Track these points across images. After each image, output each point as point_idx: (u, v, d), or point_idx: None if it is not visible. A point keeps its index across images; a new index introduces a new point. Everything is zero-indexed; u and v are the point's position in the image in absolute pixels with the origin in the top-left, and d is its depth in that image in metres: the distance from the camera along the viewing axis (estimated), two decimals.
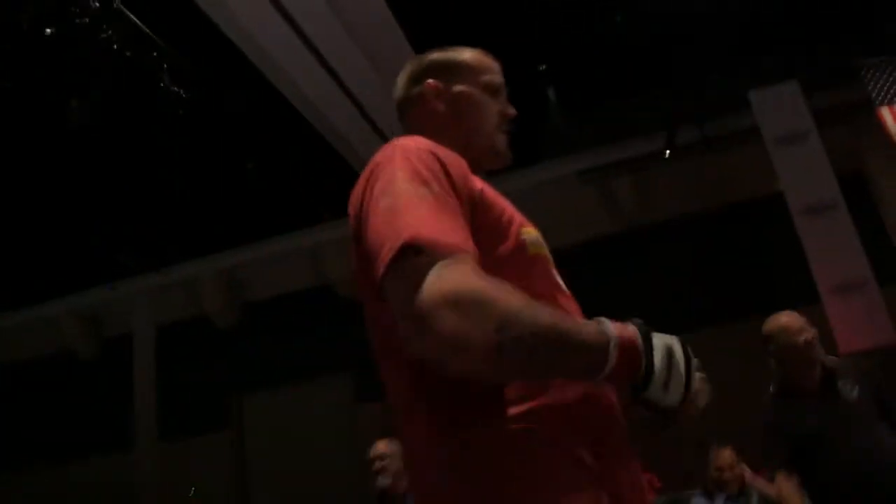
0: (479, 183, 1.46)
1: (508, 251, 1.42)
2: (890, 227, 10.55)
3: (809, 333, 3.68)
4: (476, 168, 1.59)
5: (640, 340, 1.23)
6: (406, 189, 1.27)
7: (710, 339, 11.48)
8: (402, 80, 1.77)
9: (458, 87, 1.68)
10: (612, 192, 11.04)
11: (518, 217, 1.51)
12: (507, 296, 1.15)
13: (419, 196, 1.26)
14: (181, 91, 8.68)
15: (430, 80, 1.68)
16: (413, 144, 1.39)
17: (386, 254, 1.21)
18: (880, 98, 8.84)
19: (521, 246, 1.44)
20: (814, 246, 8.81)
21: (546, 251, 1.52)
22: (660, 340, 1.25)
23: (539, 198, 12.37)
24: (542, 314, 1.15)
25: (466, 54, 1.73)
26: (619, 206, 11.10)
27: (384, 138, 10.26)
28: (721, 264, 11.35)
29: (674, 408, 1.23)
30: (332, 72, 9.07)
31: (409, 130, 1.69)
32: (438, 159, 1.36)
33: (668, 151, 10.34)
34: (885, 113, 8.83)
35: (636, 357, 1.21)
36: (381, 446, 5.44)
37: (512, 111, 1.73)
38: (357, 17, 8.51)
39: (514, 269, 1.38)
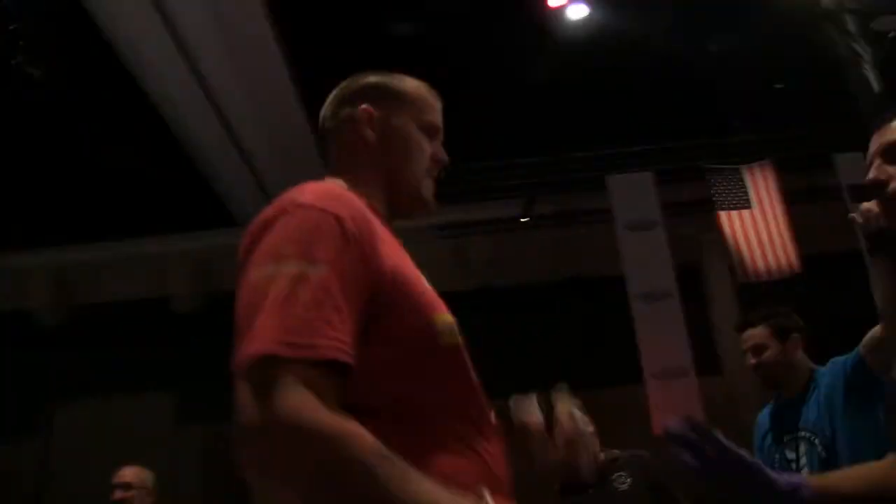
0: (393, 256, 1.35)
1: (420, 339, 1.32)
2: (715, 320, 11.26)
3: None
4: (394, 212, 1.53)
5: None
6: (287, 272, 1.15)
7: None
8: (330, 101, 1.61)
9: (395, 120, 1.54)
10: (466, 251, 11.24)
11: (434, 301, 1.41)
12: (361, 450, 1.06)
13: (299, 281, 1.14)
14: (35, 71, 8.21)
15: (365, 105, 1.53)
16: (318, 206, 1.24)
17: (244, 352, 1.12)
18: (720, 202, 9.47)
19: (433, 335, 1.34)
20: (645, 331, 9.25)
21: (459, 340, 1.40)
22: None
23: None
24: (398, 478, 1.05)
25: (409, 84, 1.60)
26: (471, 266, 11.30)
27: (246, 160, 10.08)
28: (561, 335, 11.71)
29: None
30: (202, 83, 8.84)
31: (330, 157, 1.58)
32: (344, 230, 1.22)
33: (525, 218, 10.63)
34: (723, 217, 9.46)
35: None
36: (128, 474, 4.95)
37: (444, 157, 1.63)
38: (236, 29, 8.33)
39: (425, 360, 1.30)
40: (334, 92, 1.61)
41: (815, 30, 8.28)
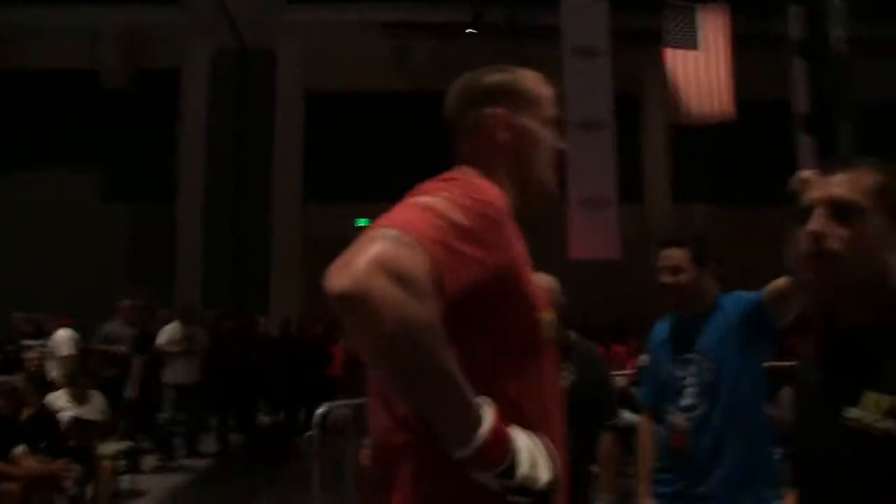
0: (521, 254, 1.46)
1: (527, 328, 1.45)
2: (645, 151, 11.54)
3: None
4: (523, 202, 1.59)
5: (508, 430, 1.28)
6: (443, 211, 1.29)
7: None
8: (457, 97, 1.64)
9: (523, 120, 1.60)
10: (410, 53, 10.98)
11: (540, 298, 1.51)
12: (435, 324, 1.18)
13: (447, 222, 1.28)
14: None
15: (498, 110, 1.59)
16: (482, 198, 1.38)
17: (373, 225, 1.24)
18: (669, 38, 9.39)
19: (538, 327, 1.47)
20: (575, 158, 9.39)
21: (553, 334, 1.55)
22: (522, 434, 1.32)
23: (337, 40, 12.08)
24: (449, 357, 1.20)
25: (529, 81, 1.64)
26: (413, 67, 11.10)
27: None
28: None
29: (546, 490, 1.28)
30: None
31: (463, 151, 1.62)
32: (495, 222, 1.36)
33: (472, 27, 10.37)
34: (669, 54, 9.42)
35: (505, 439, 1.27)
36: None
37: (563, 146, 1.68)
38: None
39: (528, 346, 1.45)
40: (458, 86, 1.64)
41: None
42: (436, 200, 1.31)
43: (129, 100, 12.33)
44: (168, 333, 8.42)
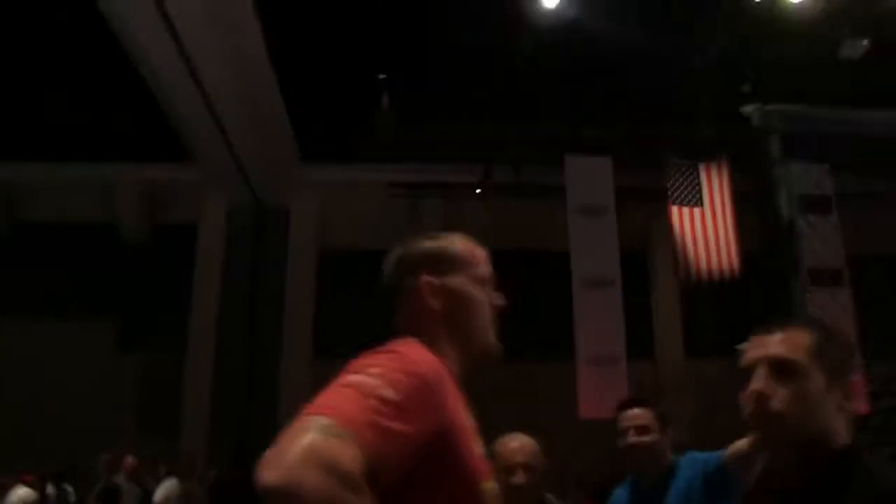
0: (460, 422, 1.46)
1: (465, 498, 1.42)
2: (654, 307, 11.51)
3: (521, 477, 2.91)
4: (466, 365, 1.61)
5: None
6: (374, 389, 1.27)
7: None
8: (391, 265, 1.70)
9: (453, 282, 1.64)
10: (419, 211, 11.23)
11: (483, 468, 1.51)
12: None
13: (378, 400, 1.26)
14: None
15: (426, 277, 1.63)
16: (414, 369, 1.37)
17: (305, 412, 1.21)
18: (673, 196, 9.56)
19: (480, 499, 1.45)
20: (583, 317, 9.39)
21: (497, 502, 1.54)
22: None
23: (349, 199, 12.46)
24: None
25: (457, 244, 1.69)
26: (424, 227, 11.31)
27: (205, 96, 9.85)
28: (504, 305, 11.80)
29: None
30: (165, 14, 8.55)
31: (401, 319, 1.66)
32: (426, 392, 1.35)
33: (480, 187, 10.64)
34: (674, 211, 9.56)
35: None
36: None
37: (500, 302, 1.71)
38: None
39: None
40: (394, 255, 1.72)
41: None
42: (365, 379, 1.30)
43: (146, 253, 12.64)
44: (164, 490, 8.20)
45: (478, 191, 10.65)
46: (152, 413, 12.33)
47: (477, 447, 1.53)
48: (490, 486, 1.50)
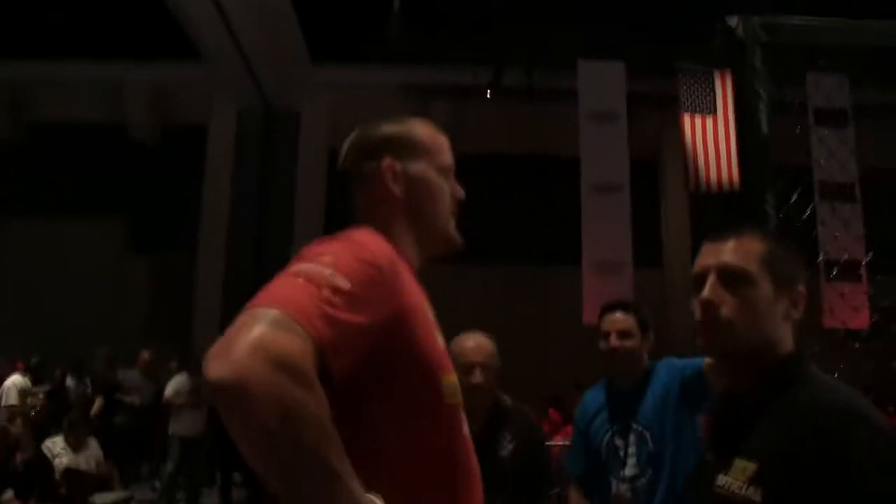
0: (417, 311, 1.40)
1: (426, 394, 1.37)
2: (663, 215, 11.49)
3: (479, 377, 2.85)
4: (425, 255, 1.57)
5: None
6: (325, 278, 1.22)
7: (477, 274, 12.21)
8: (350, 149, 1.61)
9: (415, 168, 1.56)
10: (430, 114, 11.11)
11: (444, 361, 1.44)
12: (319, 414, 1.10)
13: (330, 290, 1.20)
14: None
15: (387, 160, 1.54)
16: (368, 257, 1.31)
17: (254, 302, 1.17)
18: (686, 103, 9.41)
19: (438, 392, 1.39)
20: (590, 222, 9.38)
21: (460, 399, 1.46)
22: None
23: (360, 100, 12.32)
24: (335, 452, 1.11)
25: (420, 130, 1.61)
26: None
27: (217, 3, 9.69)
28: (511, 208, 11.83)
29: None
30: None
31: (357, 205, 1.59)
32: (381, 281, 1.29)
33: (491, 90, 10.51)
34: (686, 119, 9.44)
35: None
36: None
37: (461, 193, 1.64)
38: None
39: (429, 415, 1.37)
40: (351, 139, 1.62)
41: None
42: (317, 268, 1.25)
43: (154, 154, 12.64)
44: (175, 385, 8.45)
45: (489, 94, 10.47)
46: (163, 312, 12.56)
47: (438, 340, 1.47)
48: (451, 380, 1.44)
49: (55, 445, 6.44)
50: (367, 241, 1.37)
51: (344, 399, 1.21)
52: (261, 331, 1.09)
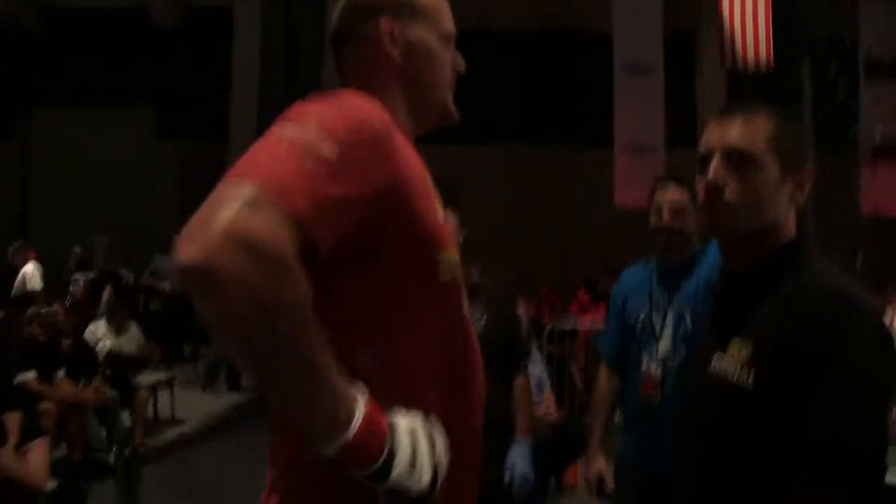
0: (414, 178, 1.30)
1: (421, 270, 1.29)
2: (698, 94, 11.14)
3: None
4: (419, 124, 1.48)
5: (387, 422, 1.13)
6: (310, 146, 1.12)
7: (503, 153, 12.05)
8: (344, 7, 1.49)
9: (415, 32, 1.45)
10: None
11: (444, 235, 1.36)
12: (296, 302, 1.04)
13: (315, 159, 1.11)
14: None
15: (385, 20, 1.43)
16: (357, 116, 1.21)
17: (232, 173, 1.09)
18: None
19: (435, 268, 1.30)
20: (623, 102, 9.19)
21: (460, 275, 1.38)
22: (404, 421, 1.16)
23: None
24: (313, 340, 1.05)
25: None
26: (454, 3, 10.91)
27: None
28: (538, 86, 11.57)
29: (423, 493, 1.13)
30: None
31: (348, 67, 1.47)
32: (371, 144, 1.19)
33: None
34: None
35: (380, 435, 1.11)
36: None
37: (461, 64, 1.54)
38: None
39: (425, 294, 1.30)
40: None
41: None
42: (301, 133, 1.15)
43: (177, 38, 12.44)
44: None
45: None
46: (194, 198, 12.62)
47: (438, 213, 1.38)
48: (450, 255, 1.35)
49: (98, 330, 6.70)
50: (359, 103, 1.27)
51: (332, 277, 1.17)
52: (235, 210, 1.01)
